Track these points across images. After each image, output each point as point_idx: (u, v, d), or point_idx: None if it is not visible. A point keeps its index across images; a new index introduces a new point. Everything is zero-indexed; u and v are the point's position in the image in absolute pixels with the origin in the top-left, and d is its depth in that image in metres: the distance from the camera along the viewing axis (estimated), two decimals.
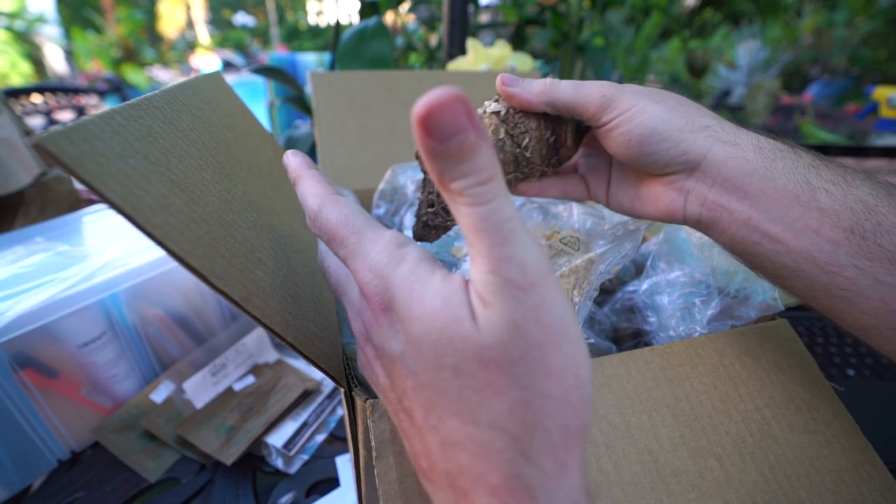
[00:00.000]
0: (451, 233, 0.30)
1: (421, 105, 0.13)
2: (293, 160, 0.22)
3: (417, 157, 0.28)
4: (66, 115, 1.59)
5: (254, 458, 0.43)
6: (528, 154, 0.27)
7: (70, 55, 5.27)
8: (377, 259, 0.17)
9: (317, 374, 0.50)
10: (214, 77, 0.32)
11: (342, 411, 0.47)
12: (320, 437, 0.45)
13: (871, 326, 0.21)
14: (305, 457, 0.43)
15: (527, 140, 0.26)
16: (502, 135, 0.26)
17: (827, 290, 0.21)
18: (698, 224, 0.24)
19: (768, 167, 0.21)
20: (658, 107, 0.23)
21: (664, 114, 0.23)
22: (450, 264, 0.32)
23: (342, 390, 0.25)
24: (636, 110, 0.23)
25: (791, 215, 0.21)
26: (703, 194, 0.23)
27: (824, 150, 0.59)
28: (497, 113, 0.27)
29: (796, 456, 0.23)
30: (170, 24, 7.43)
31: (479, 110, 0.28)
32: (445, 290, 0.16)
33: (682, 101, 0.24)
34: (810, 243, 0.21)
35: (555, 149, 0.27)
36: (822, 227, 0.21)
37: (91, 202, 0.66)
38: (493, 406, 0.15)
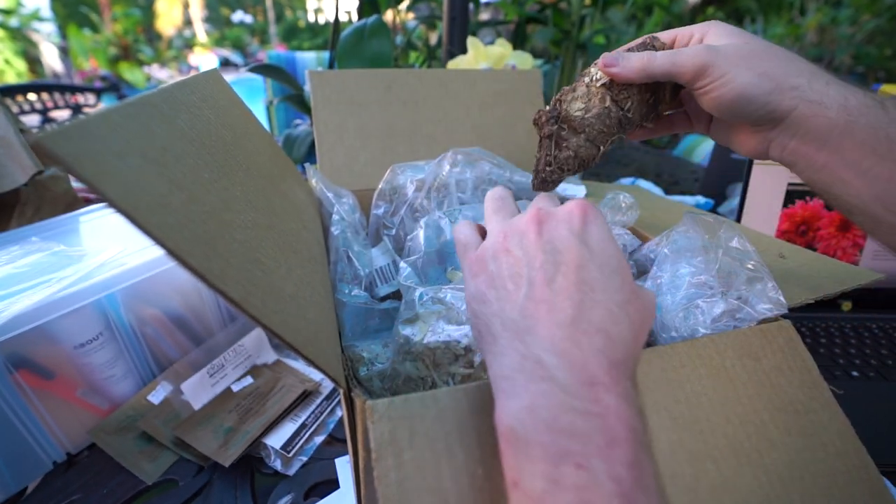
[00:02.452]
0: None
1: None
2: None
3: (536, 124, 0.32)
4: (62, 114, 1.58)
5: (252, 460, 0.42)
6: (630, 115, 0.30)
7: (66, 53, 5.25)
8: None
9: (316, 375, 0.50)
10: (213, 75, 0.32)
11: (341, 412, 0.47)
12: (319, 439, 0.44)
13: None
14: (304, 458, 0.42)
15: (629, 104, 0.30)
16: (608, 102, 0.30)
17: (892, 229, 0.23)
18: (780, 162, 0.27)
19: (850, 123, 0.23)
20: (749, 73, 0.25)
21: (755, 79, 0.25)
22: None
23: (341, 391, 0.24)
24: (728, 78, 0.25)
25: (865, 165, 0.23)
26: (785, 143, 0.26)
27: None
28: (605, 84, 0.30)
29: (791, 459, 0.23)
30: (167, 21, 7.40)
31: (586, 79, 0.31)
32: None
33: (776, 61, 0.25)
34: (881, 189, 0.23)
35: (654, 107, 0.31)
36: (895, 176, 0.22)
37: (88, 202, 0.66)
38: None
